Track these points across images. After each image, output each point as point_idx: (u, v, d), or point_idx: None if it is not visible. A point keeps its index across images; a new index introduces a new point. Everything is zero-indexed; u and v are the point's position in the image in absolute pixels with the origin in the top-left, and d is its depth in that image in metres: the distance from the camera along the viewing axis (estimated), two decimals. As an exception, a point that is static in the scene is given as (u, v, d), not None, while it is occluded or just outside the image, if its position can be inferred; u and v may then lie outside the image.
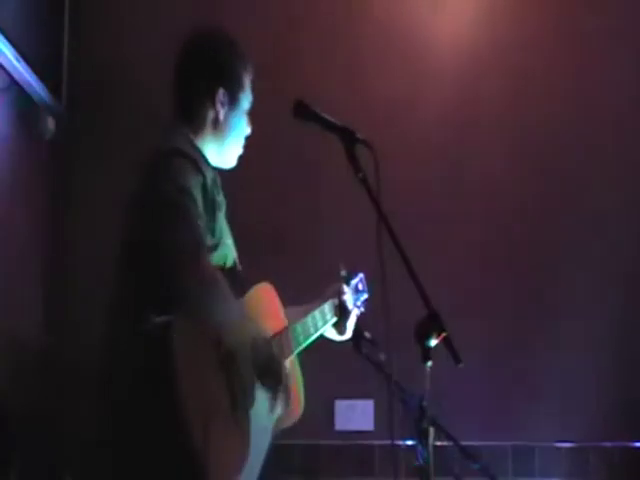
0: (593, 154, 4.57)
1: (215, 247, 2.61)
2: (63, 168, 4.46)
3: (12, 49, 3.65)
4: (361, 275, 3.30)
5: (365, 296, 3.29)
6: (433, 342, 2.39)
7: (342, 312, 3.13)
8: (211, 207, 2.59)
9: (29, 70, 3.86)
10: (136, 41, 4.50)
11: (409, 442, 2.62)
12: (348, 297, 3.16)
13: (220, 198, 2.71)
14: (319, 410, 2.88)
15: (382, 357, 2.98)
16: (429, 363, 2.40)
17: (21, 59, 3.74)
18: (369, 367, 3.06)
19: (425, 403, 2.55)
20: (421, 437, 2.54)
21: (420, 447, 2.53)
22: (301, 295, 2.98)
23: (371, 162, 2.48)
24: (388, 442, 2.57)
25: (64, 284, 4.39)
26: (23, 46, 3.76)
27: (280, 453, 2.62)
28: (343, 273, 3.22)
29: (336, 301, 3.12)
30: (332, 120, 2.66)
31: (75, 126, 4.45)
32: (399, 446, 2.62)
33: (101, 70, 4.51)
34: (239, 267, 2.78)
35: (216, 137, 2.77)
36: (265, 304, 2.79)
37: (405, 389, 2.83)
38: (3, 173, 3.85)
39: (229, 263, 2.70)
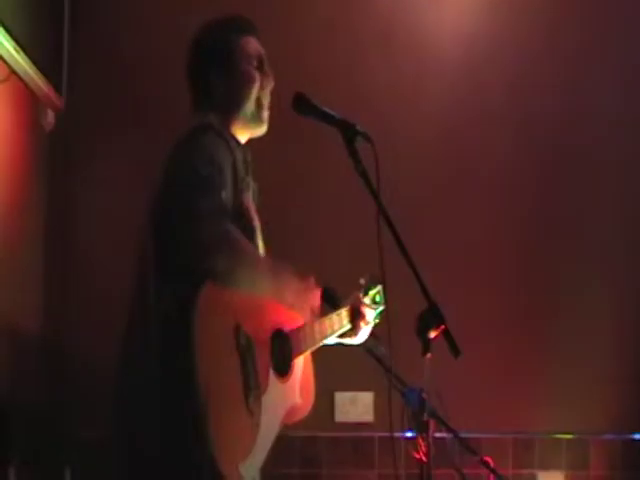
0: (596, 142, 4.57)
1: (241, 228, 2.60)
2: (63, 161, 4.46)
3: (12, 40, 3.64)
4: (379, 287, 3.27)
5: (381, 308, 3.25)
6: (432, 334, 2.40)
7: (358, 320, 3.12)
8: (239, 186, 2.60)
9: (29, 62, 3.86)
10: (136, 33, 4.49)
11: (409, 434, 2.63)
12: (366, 306, 3.16)
13: (249, 179, 2.72)
14: (319, 402, 2.87)
15: (382, 349, 2.98)
16: (428, 355, 2.41)
17: (21, 51, 3.73)
18: (369, 359, 3.06)
19: (425, 395, 2.56)
20: (421, 429, 2.55)
21: (420, 439, 2.54)
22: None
23: (371, 155, 2.49)
24: (388, 434, 2.57)
25: (64, 277, 4.39)
26: (23, 37, 3.75)
27: (280, 444, 2.62)
28: (362, 282, 3.20)
29: (355, 307, 3.12)
30: (332, 113, 2.65)
31: (75, 119, 4.45)
32: (399, 438, 2.62)
33: (101, 62, 4.50)
34: (263, 251, 2.78)
35: (232, 108, 2.76)
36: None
37: (405, 381, 2.84)
38: (2, 165, 3.85)
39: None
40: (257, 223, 2.74)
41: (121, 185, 4.33)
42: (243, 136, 2.81)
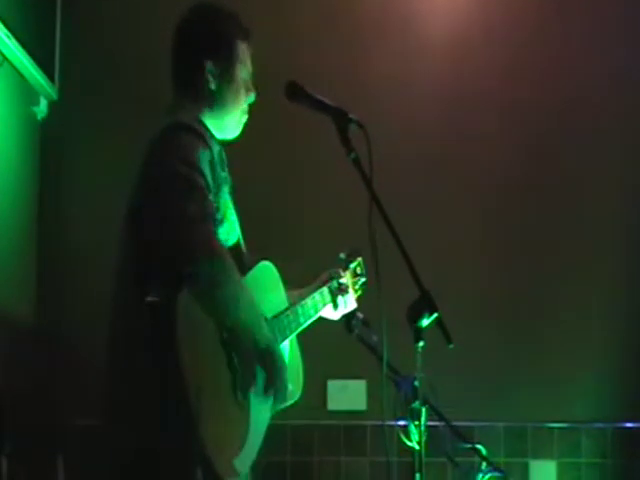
0: (587, 129, 4.58)
1: (219, 223, 2.60)
2: (56, 149, 4.45)
3: (4, 28, 3.63)
4: (360, 259, 3.28)
5: (363, 280, 3.28)
6: (425, 322, 2.40)
7: (340, 295, 3.13)
8: (217, 183, 2.58)
9: (21, 49, 3.84)
10: (130, 22, 4.48)
11: (401, 422, 2.63)
12: (346, 280, 3.17)
13: (225, 174, 2.70)
14: (311, 390, 2.87)
15: (375, 337, 2.98)
16: (421, 343, 2.41)
17: (13, 38, 3.72)
18: (362, 347, 3.07)
19: (417, 383, 2.56)
20: (413, 417, 2.55)
21: (412, 427, 2.55)
22: (295, 277, 2.98)
23: (365, 141, 2.49)
24: (380, 422, 2.57)
25: (58, 266, 4.38)
26: (15, 24, 3.73)
27: (272, 433, 2.62)
28: (342, 256, 3.21)
29: (335, 284, 3.12)
30: (325, 101, 2.65)
31: (68, 107, 4.44)
32: (391, 426, 2.63)
33: (94, 51, 4.49)
34: (242, 246, 2.77)
35: (212, 110, 2.73)
36: (267, 283, 2.80)
37: (397, 370, 2.84)
38: (-5, 153, 3.85)
39: (232, 240, 2.69)
40: (235, 218, 2.74)
41: (114, 174, 4.30)
42: (217, 134, 2.77)
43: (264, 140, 4.10)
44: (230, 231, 2.67)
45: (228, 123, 2.78)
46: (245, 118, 2.82)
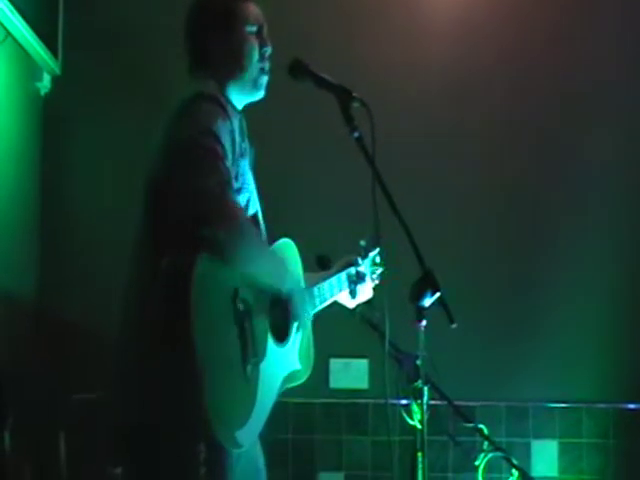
0: (590, 109, 4.56)
1: (237, 191, 2.60)
2: (59, 124, 4.44)
3: (7, 2, 3.62)
4: (379, 249, 3.28)
5: (381, 269, 3.26)
6: (427, 302, 2.40)
7: (357, 283, 3.13)
8: (236, 153, 2.58)
9: (24, 24, 3.83)
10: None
11: (403, 401, 2.63)
12: (364, 269, 3.17)
13: (245, 145, 2.71)
14: (314, 368, 2.88)
15: (377, 315, 2.98)
16: (423, 322, 2.41)
17: (17, 13, 3.71)
18: (364, 325, 3.07)
19: (419, 362, 2.56)
20: (415, 396, 2.55)
21: (414, 406, 2.55)
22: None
23: (368, 121, 2.49)
24: (382, 401, 2.57)
25: (59, 242, 4.38)
26: (18, 0, 3.72)
27: (274, 410, 2.63)
28: (362, 244, 3.20)
29: (352, 271, 3.12)
30: (328, 78, 2.64)
31: (71, 82, 4.43)
32: (393, 405, 2.63)
33: (98, 25, 4.47)
34: (261, 219, 2.77)
35: (231, 73, 2.73)
36: (286, 260, 2.81)
37: (400, 348, 2.84)
38: (-2, 128, 3.84)
39: (251, 211, 2.69)
40: (254, 188, 2.74)
41: (117, 150, 4.32)
42: (240, 101, 2.79)
43: (265, 119, 4.09)
44: (248, 200, 2.67)
45: (248, 85, 2.77)
46: (265, 78, 2.79)
